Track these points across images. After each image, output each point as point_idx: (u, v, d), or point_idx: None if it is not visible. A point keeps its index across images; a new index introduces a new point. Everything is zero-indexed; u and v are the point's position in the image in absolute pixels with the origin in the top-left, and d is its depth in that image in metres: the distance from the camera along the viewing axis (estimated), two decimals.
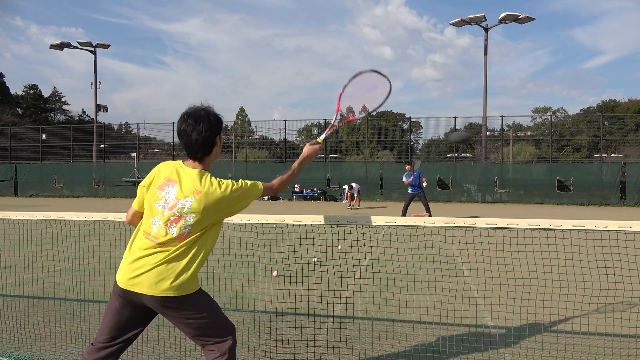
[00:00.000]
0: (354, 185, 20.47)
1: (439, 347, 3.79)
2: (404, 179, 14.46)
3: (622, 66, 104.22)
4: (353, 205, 19.97)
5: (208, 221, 2.45)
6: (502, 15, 24.92)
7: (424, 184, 14.13)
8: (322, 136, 2.89)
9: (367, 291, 5.27)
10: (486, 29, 25.93)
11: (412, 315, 4.33)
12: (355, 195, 20.11)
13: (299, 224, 3.21)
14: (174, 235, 2.40)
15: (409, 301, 4.34)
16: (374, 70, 3.23)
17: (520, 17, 24.70)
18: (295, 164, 2.91)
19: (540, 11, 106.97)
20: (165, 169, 2.53)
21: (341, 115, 3.08)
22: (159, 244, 2.40)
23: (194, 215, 2.40)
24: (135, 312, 2.49)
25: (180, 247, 2.40)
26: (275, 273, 6.04)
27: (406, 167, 14.66)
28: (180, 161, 2.57)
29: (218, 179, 2.50)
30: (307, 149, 2.97)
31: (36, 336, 4.03)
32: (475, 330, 4.30)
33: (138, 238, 2.49)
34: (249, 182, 2.60)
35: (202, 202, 2.40)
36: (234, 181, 2.51)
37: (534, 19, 25.12)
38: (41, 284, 5.85)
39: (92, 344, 2.55)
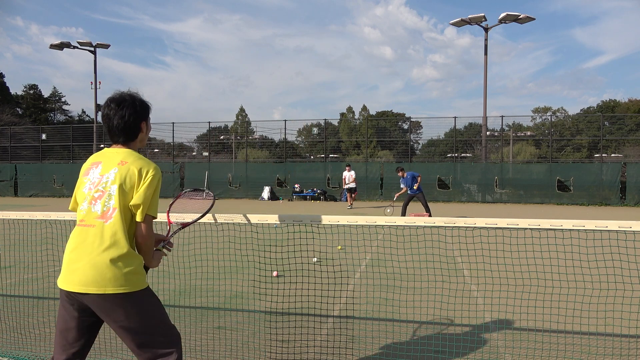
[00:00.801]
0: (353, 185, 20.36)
1: (439, 347, 3.79)
2: (402, 186, 14.53)
3: (622, 66, 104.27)
4: (352, 205, 20.04)
5: (130, 195, 2.26)
6: (502, 15, 24.92)
7: (416, 187, 14.07)
8: (161, 244, 2.56)
9: (367, 291, 5.27)
10: (486, 29, 25.93)
11: (412, 315, 4.33)
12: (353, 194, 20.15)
13: (299, 224, 3.21)
14: (99, 213, 2.24)
15: (409, 301, 4.34)
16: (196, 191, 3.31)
17: (520, 17, 24.70)
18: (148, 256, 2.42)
19: (541, 11, 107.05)
20: (89, 159, 2.48)
21: (173, 226, 2.88)
22: (86, 225, 2.25)
23: (116, 186, 2.26)
24: (80, 318, 2.29)
25: (108, 228, 2.21)
26: (275, 273, 6.04)
27: (398, 174, 14.70)
28: (105, 148, 2.50)
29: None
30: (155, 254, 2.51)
31: (36, 336, 4.03)
32: (475, 330, 4.30)
33: (73, 232, 2.33)
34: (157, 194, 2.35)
35: (126, 171, 2.28)
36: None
37: (534, 19, 25.12)
38: (41, 284, 5.85)
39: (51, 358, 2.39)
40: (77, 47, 31.12)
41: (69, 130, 31.18)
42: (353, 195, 20.16)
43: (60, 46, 31.03)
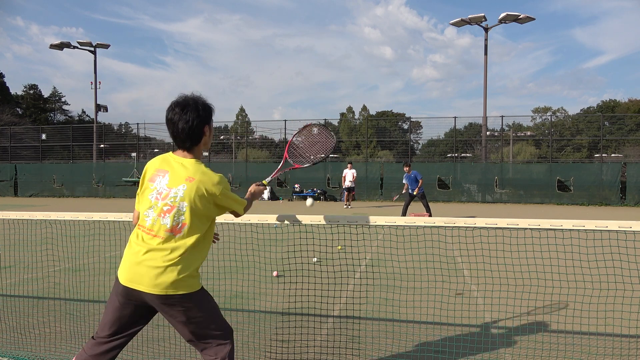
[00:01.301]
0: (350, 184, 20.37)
1: (439, 347, 3.79)
2: (404, 181, 14.50)
3: (622, 66, 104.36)
4: (349, 204, 20.12)
5: (200, 212, 2.38)
6: (502, 15, 24.93)
7: (415, 192, 14.02)
8: (268, 179, 2.95)
9: (367, 291, 5.27)
10: (486, 29, 25.93)
11: (412, 315, 4.33)
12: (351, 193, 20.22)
13: (299, 224, 3.21)
14: (168, 226, 2.34)
15: (409, 301, 4.34)
16: (322, 125, 3.47)
17: (520, 17, 24.70)
18: (248, 198, 2.83)
19: (541, 11, 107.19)
20: (154, 162, 2.52)
21: (287, 161, 3.18)
22: (155, 236, 2.35)
23: (186, 204, 2.34)
24: (136, 309, 2.45)
25: (177, 241, 2.34)
26: (275, 273, 6.04)
27: (404, 169, 14.67)
28: (170, 152, 2.54)
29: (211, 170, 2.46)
30: (253, 188, 2.92)
31: (36, 336, 4.03)
32: (475, 330, 4.30)
33: (135, 233, 2.45)
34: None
35: (195, 190, 2.35)
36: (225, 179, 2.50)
37: (534, 19, 25.12)
38: (41, 284, 5.85)
39: (92, 337, 2.52)
40: (77, 47, 31.14)
41: (69, 130, 31.18)
42: (352, 193, 20.19)
43: (60, 46, 31.03)
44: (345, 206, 19.91)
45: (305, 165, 3.25)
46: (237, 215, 2.65)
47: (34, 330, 4.14)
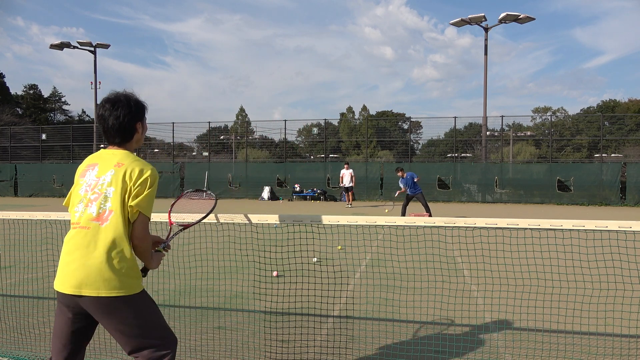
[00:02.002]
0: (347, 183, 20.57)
1: (439, 347, 3.79)
2: (400, 185, 14.50)
3: (623, 66, 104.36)
4: (351, 204, 20.23)
5: (127, 196, 2.23)
6: (502, 15, 24.92)
7: (408, 191, 14.13)
8: (161, 246, 2.57)
9: (367, 291, 5.27)
10: (486, 29, 25.93)
11: (412, 315, 4.33)
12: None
13: (299, 224, 3.21)
14: (94, 214, 2.22)
15: (409, 301, 4.34)
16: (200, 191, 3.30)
17: (520, 17, 24.70)
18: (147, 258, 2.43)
19: (541, 11, 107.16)
20: (85, 160, 2.46)
21: (175, 225, 2.90)
22: (81, 227, 2.23)
23: (113, 188, 2.24)
24: (74, 319, 2.29)
25: (103, 231, 2.20)
26: (275, 273, 6.04)
27: (398, 174, 14.65)
28: (102, 149, 2.48)
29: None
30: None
31: (36, 336, 4.03)
32: (475, 330, 4.30)
33: (68, 235, 2.32)
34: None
35: (122, 173, 2.25)
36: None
37: (534, 19, 25.11)
38: (41, 284, 5.85)
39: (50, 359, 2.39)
40: (77, 47, 31.13)
41: (69, 130, 31.16)
42: (350, 193, 20.35)
43: (60, 46, 31.03)
44: (347, 206, 20.00)
45: (196, 221, 2.98)
46: (136, 231, 2.26)
47: (34, 330, 4.14)
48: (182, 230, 2.87)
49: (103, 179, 2.29)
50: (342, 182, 20.32)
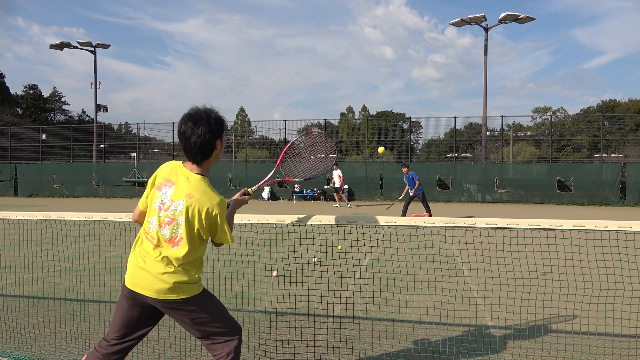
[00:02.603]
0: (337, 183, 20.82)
1: (439, 347, 3.79)
2: (406, 182, 14.51)
3: (623, 66, 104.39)
4: (348, 203, 20.48)
5: (195, 229, 2.44)
6: (502, 15, 24.92)
7: (412, 193, 14.10)
8: (254, 187, 2.86)
9: (367, 291, 5.27)
10: (486, 29, 25.93)
11: (412, 315, 4.33)
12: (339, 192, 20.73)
13: (299, 224, 3.21)
14: (167, 237, 2.44)
15: (409, 301, 4.34)
16: (327, 135, 3.34)
17: (520, 17, 24.69)
18: (229, 214, 2.72)
19: (541, 11, 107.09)
20: (165, 169, 2.56)
21: (279, 171, 3.07)
22: (156, 245, 2.45)
23: (183, 219, 2.41)
24: (143, 312, 2.54)
25: (174, 252, 2.42)
26: (275, 273, 6.04)
27: (403, 170, 14.68)
28: (181, 162, 2.57)
29: (214, 189, 2.49)
30: (238, 197, 2.85)
31: (36, 336, 4.03)
32: (475, 330, 4.30)
33: (140, 239, 2.55)
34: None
35: (192, 207, 2.41)
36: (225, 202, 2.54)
37: (534, 19, 25.11)
38: (41, 284, 5.85)
39: (104, 339, 2.60)
40: (77, 47, 31.13)
41: (69, 130, 31.17)
42: (340, 193, 20.72)
43: (60, 46, 31.03)
44: (347, 205, 20.10)
45: (296, 180, 3.22)
46: (217, 245, 2.61)
47: (34, 330, 4.14)
48: (280, 180, 3.06)
49: (176, 205, 2.44)
50: (334, 184, 20.61)
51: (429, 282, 4.93)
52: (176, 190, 2.45)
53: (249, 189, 2.85)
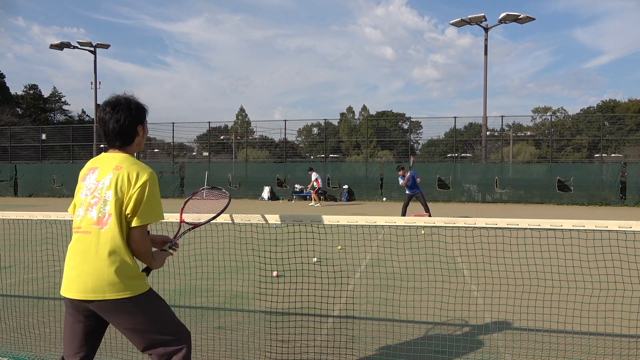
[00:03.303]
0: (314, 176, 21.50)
1: (439, 347, 3.79)
2: (400, 182, 14.54)
3: (623, 66, 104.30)
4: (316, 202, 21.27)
5: (125, 200, 2.23)
6: (502, 15, 24.91)
7: (407, 190, 14.23)
8: (167, 245, 2.55)
9: (367, 291, 5.27)
10: (486, 29, 25.92)
11: (412, 315, 4.33)
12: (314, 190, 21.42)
13: (299, 224, 3.21)
14: (94, 219, 2.23)
15: (409, 301, 4.34)
16: (212, 188, 3.23)
17: (520, 17, 24.69)
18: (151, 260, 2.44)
19: (542, 11, 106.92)
20: (87, 164, 2.47)
21: (185, 223, 2.86)
22: (83, 232, 2.25)
23: (112, 192, 2.23)
24: (88, 322, 2.31)
25: (104, 235, 2.20)
26: (275, 273, 6.04)
27: (398, 173, 14.71)
28: (103, 152, 2.49)
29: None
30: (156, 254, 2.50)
31: (36, 336, 4.03)
32: (475, 330, 4.30)
33: (72, 239, 2.33)
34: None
35: (121, 176, 2.24)
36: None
37: (534, 19, 25.11)
38: (41, 284, 5.85)
39: (62, 358, 2.40)
40: (77, 47, 31.13)
41: (69, 130, 31.16)
42: (314, 192, 21.48)
43: (60, 46, 31.04)
44: (317, 205, 20.92)
45: (206, 221, 2.95)
46: (132, 236, 2.25)
47: (34, 330, 4.14)
48: (191, 229, 2.83)
49: (102, 182, 2.28)
50: (319, 185, 21.50)
51: (429, 282, 4.93)
52: (100, 170, 2.33)
53: (164, 248, 2.54)
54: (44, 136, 30.21)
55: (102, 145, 30.09)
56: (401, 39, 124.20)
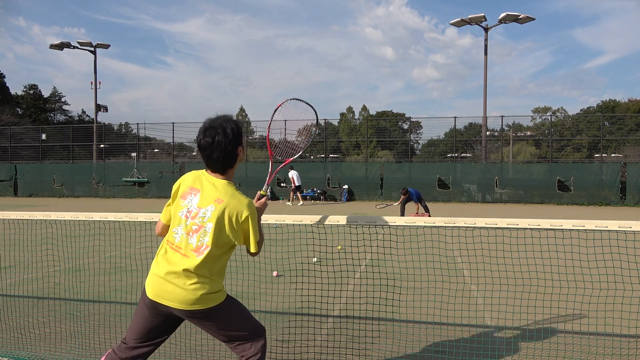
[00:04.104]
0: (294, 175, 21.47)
1: (439, 347, 3.79)
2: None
3: (623, 66, 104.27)
4: (293, 201, 21.45)
5: (224, 235, 2.40)
6: (502, 15, 24.91)
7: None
8: (264, 188, 2.75)
9: (367, 291, 5.27)
10: (486, 29, 25.92)
11: (412, 315, 4.33)
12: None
13: (299, 224, 3.21)
14: (194, 246, 2.39)
15: (409, 301, 4.34)
16: (293, 99, 3.23)
17: (520, 17, 24.69)
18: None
19: (542, 11, 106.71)
20: (188, 178, 2.53)
21: (276, 159, 2.95)
22: (182, 255, 2.40)
23: (212, 225, 2.37)
24: (164, 321, 2.52)
25: (199, 261, 2.38)
26: (275, 273, 6.04)
27: (403, 196, 14.85)
28: (204, 170, 2.54)
29: (241, 193, 2.47)
30: (256, 206, 2.66)
31: (36, 336, 4.03)
32: (475, 330, 4.30)
33: (163, 248, 2.50)
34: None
35: (222, 212, 2.37)
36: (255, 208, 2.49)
37: (533, 19, 25.11)
38: (41, 284, 5.85)
39: (122, 341, 2.58)
40: (77, 47, 31.12)
41: (69, 130, 31.14)
42: (298, 193, 21.62)
43: (60, 46, 31.02)
44: (293, 204, 21.09)
45: (296, 156, 3.13)
46: (250, 251, 2.57)
47: (34, 330, 4.14)
48: (282, 166, 2.92)
49: (204, 212, 2.40)
50: (295, 183, 21.40)
51: (429, 282, 4.93)
52: (202, 197, 2.42)
53: (262, 192, 2.73)
54: (44, 136, 30.19)
55: (102, 146, 30.14)
56: (401, 39, 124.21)
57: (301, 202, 21.52)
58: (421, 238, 4.57)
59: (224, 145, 2.41)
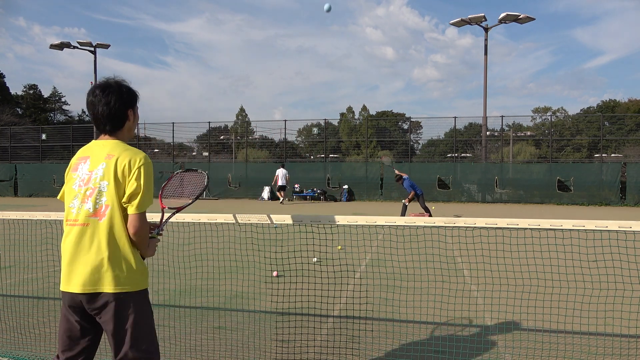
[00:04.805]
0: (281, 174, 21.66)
1: (439, 347, 3.79)
2: (407, 188, 14.79)
3: (623, 66, 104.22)
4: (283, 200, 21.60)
5: (122, 189, 2.18)
6: (502, 15, 24.90)
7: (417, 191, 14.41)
8: (155, 231, 2.48)
9: (367, 291, 5.27)
10: (486, 29, 25.91)
11: (412, 315, 4.33)
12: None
13: (299, 224, 3.21)
14: (91, 210, 2.18)
15: (409, 301, 4.34)
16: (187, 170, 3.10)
17: (520, 17, 24.68)
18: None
19: (542, 11, 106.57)
20: (77, 153, 2.41)
21: (168, 209, 2.74)
22: (80, 225, 2.19)
23: (106, 182, 2.19)
24: (82, 319, 2.25)
25: (101, 226, 2.16)
26: (275, 273, 6.04)
27: (398, 183, 15.14)
28: (94, 140, 2.42)
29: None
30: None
31: (36, 336, 4.03)
32: (475, 330, 4.30)
33: (65, 231, 2.27)
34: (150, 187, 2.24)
35: (114, 165, 2.19)
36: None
37: (533, 19, 25.09)
38: (41, 284, 5.85)
39: (56, 355, 2.34)
40: (77, 47, 31.12)
41: (69, 130, 31.17)
42: (282, 192, 21.81)
43: (60, 46, 31.00)
44: (281, 203, 21.40)
45: (189, 202, 2.84)
46: (132, 223, 2.19)
47: (34, 330, 4.14)
48: (175, 212, 2.77)
49: (95, 172, 2.23)
50: (279, 182, 21.62)
51: (429, 282, 4.93)
52: (92, 160, 2.27)
53: (151, 235, 2.41)
54: (44, 136, 30.21)
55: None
56: (402, 39, 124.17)
57: (281, 200, 21.73)
58: (421, 238, 4.57)
59: (112, 102, 2.27)
